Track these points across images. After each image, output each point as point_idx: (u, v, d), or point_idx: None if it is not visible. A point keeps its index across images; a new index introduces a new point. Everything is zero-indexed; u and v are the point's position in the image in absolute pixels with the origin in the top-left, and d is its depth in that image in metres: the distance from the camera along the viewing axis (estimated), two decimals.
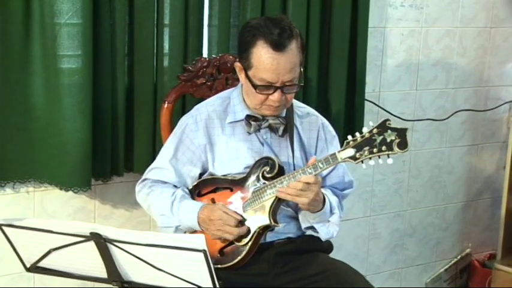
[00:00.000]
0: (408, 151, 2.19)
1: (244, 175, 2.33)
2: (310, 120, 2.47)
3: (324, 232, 2.37)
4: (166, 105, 2.63)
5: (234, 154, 2.36)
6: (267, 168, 2.29)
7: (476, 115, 3.77)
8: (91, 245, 1.87)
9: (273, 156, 2.31)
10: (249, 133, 2.37)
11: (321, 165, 2.21)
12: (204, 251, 1.77)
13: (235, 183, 2.33)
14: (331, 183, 2.46)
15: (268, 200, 2.26)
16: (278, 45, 2.21)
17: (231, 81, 2.71)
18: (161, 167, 2.41)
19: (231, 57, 2.71)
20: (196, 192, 2.39)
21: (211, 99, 2.48)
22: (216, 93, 2.66)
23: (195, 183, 2.39)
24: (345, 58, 3.12)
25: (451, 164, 3.76)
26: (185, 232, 2.34)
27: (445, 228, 3.84)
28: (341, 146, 2.46)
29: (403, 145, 2.15)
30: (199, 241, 1.78)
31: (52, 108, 2.59)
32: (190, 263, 1.82)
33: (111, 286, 1.98)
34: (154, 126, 2.78)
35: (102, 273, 1.94)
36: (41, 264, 1.97)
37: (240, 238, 2.26)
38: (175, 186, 2.39)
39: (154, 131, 2.79)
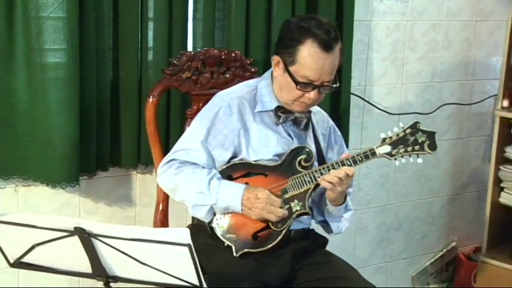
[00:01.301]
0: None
1: (278, 162, 2.38)
2: (322, 118, 2.56)
3: (335, 227, 2.48)
4: (151, 99, 2.62)
5: (264, 141, 2.40)
6: (304, 157, 2.37)
7: (462, 109, 3.78)
8: (75, 239, 1.86)
9: (309, 147, 2.39)
10: (277, 124, 2.42)
11: (360, 159, 2.35)
12: (188, 245, 1.77)
13: (269, 169, 2.37)
14: None
15: (306, 188, 2.34)
16: (327, 46, 2.28)
17: (216, 74, 2.71)
18: (191, 148, 2.38)
19: (216, 51, 2.70)
20: (226, 175, 2.38)
21: (238, 86, 2.50)
22: (201, 88, 2.67)
23: (225, 166, 2.39)
24: None
25: (436, 158, 3.76)
26: (215, 214, 2.33)
27: (431, 222, 3.85)
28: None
29: (433, 147, 2.35)
30: (184, 235, 1.77)
31: (37, 104, 2.57)
32: (176, 257, 1.82)
33: (95, 282, 1.97)
34: (140, 121, 2.77)
35: (87, 268, 1.93)
36: (25, 259, 1.96)
37: (277, 222, 2.31)
38: (203, 168, 2.38)
39: (140, 125, 2.78)
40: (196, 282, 1.84)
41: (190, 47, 2.87)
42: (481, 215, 3.86)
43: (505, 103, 3.63)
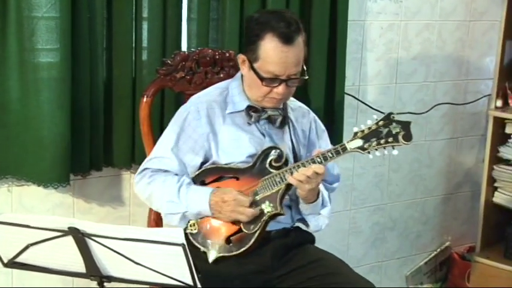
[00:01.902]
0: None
1: (250, 164, 2.35)
2: (302, 114, 2.52)
3: (313, 224, 2.45)
4: (145, 99, 2.62)
5: (236, 143, 2.38)
6: (275, 157, 2.33)
7: (456, 108, 3.79)
8: (69, 239, 1.86)
9: (279, 146, 2.36)
10: (250, 124, 2.40)
11: (330, 155, 2.27)
12: (182, 245, 1.77)
13: (241, 172, 2.35)
14: None
15: (277, 189, 2.30)
16: (287, 39, 2.25)
17: (210, 74, 2.70)
18: (162, 156, 2.39)
19: (210, 50, 2.70)
20: (199, 181, 2.38)
21: (209, 89, 2.49)
22: (195, 87, 2.67)
23: (197, 172, 2.39)
24: (325, 52, 3.12)
25: (430, 158, 3.77)
26: (189, 220, 2.33)
27: (425, 222, 3.86)
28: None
29: (408, 137, 2.26)
30: (178, 235, 1.78)
31: (29, 103, 2.57)
32: (170, 257, 1.82)
33: (89, 282, 1.97)
34: (133, 121, 2.77)
35: (81, 268, 1.93)
36: (19, 259, 1.96)
37: (250, 222, 2.28)
38: (176, 175, 2.38)
39: (133, 125, 2.78)
40: (190, 282, 1.84)
41: (184, 47, 2.87)
42: (474, 215, 3.87)
43: (499, 103, 3.64)
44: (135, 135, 2.78)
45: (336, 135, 3.11)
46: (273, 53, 2.26)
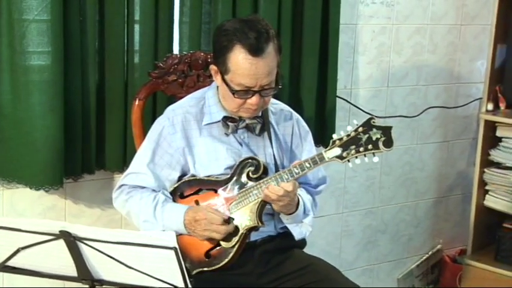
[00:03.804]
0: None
1: (228, 176, 2.32)
2: (284, 117, 2.48)
3: (296, 232, 2.40)
4: (137, 102, 2.62)
5: (213, 155, 2.35)
6: (252, 169, 2.29)
7: (447, 112, 3.80)
8: (60, 243, 1.86)
9: (257, 157, 2.32)
10: (227, 134, 2.36)
11: (308, 165, 2.23)
12: (174, 249, 1.77)
13: (219, 184, 2.32)
14: (305, 180, 2.47)
15: (254, 201, 2.27)
16: (256, 50, 2.19)
17: (202, 78, 2.70)
18: (138, 171, 2.37)
19: (202, 54, 2.70)
20: (178, 194, 2.36)
21: (185, 100, 2.45)
22: (187, 90, 2.66)
23: (176, 185, 2.37)
24: (317, 55, 3.13)
25: (422, 161, 3.78)
26: None
27: (417, 225, 3.87)
28: (314, 142, 2.51)
29: (388, 143, 2.20)
30: (169, 239, 1.77)
31: (21, 106, 2.56)
32: (161, 260, 1.82)
33: (81, 285, 1.97)
34: (125, 124, 2.76)
35: (72, 271, 1.93)
36: (10, 263, 1.95)
37: (227, 238, 2.25)
38: (154, 190, 2.36)
39: (126, 128, 2.77)
40: (182, 285, 1.84)
41: (176, 50, 2.87)
42: (466, 218, 3.87)
43: (490, 106, 3.66)
44: (127, 138, 2.77)
45: (327, 139, 3.10)
46: (242, 65, 2.20)
